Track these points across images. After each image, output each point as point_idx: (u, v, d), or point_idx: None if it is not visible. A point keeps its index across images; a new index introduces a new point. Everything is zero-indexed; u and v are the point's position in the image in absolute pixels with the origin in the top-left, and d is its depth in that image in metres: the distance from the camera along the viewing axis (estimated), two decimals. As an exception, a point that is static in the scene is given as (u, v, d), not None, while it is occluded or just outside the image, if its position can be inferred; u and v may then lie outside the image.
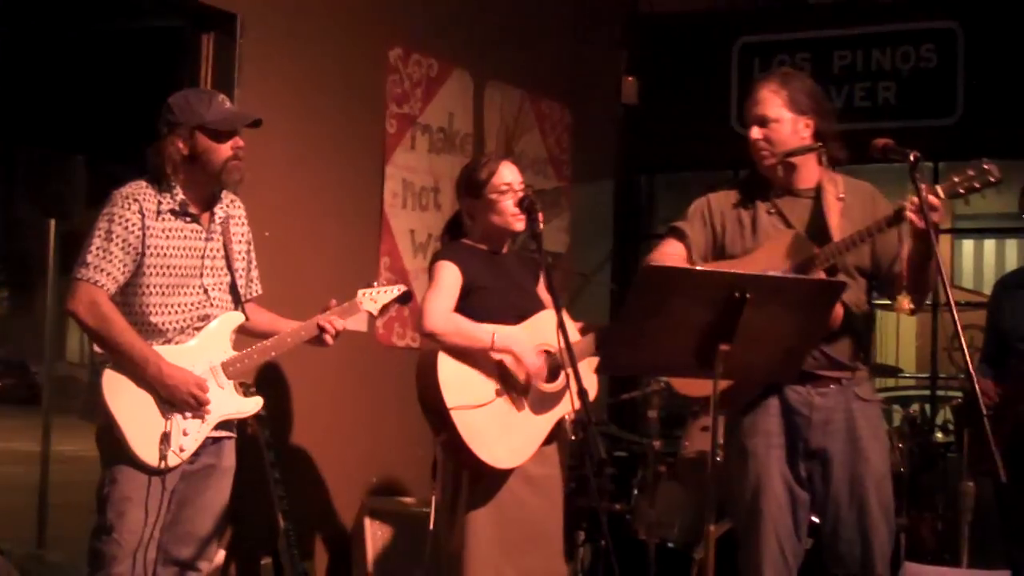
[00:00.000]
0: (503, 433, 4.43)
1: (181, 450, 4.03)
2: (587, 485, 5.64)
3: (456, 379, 4.41)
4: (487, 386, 4.46)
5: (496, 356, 4.44)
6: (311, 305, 4.37)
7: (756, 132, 4.20)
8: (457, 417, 4.36)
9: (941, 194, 3.81)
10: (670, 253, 4.26)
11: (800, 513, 4.14)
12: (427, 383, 4.44)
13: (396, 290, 4.49)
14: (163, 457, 3.95)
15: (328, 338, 4.28)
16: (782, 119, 4.15)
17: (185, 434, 4.04)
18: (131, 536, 3.97)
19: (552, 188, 7.76)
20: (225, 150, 4.10)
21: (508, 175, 4.58)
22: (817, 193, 4.14)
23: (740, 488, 4.17)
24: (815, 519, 4.30)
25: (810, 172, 4.17)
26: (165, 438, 3.96)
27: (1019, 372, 5.28)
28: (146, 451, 3.95)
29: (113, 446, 3.98)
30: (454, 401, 4.38)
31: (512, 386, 4.47)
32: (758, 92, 4.22)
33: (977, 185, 3.83)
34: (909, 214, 3.78)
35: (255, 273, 4.40)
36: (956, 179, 3.85)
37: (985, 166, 3.82)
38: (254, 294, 4.39)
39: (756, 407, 4.14)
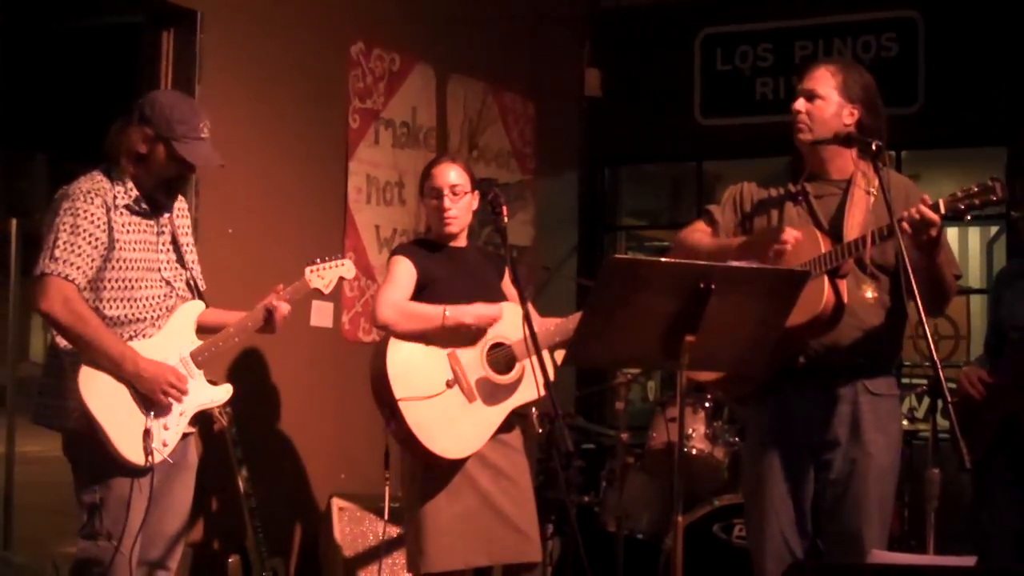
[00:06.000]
0: (452, 424, 4.49)
1: (164, 445, 4.01)
2: (555, 478, 5.65)
3: (405, 370, 4.48)
4: (438, 377, 4.52)
5: (451, 323, 4.48)
6: (276, 302, 4.34)
7: (800, 104, 4.17)
8: (405, 408, 4.43)
9: (943, 209, 3.77)
10: (699, 231, 4.34)
11: (806, 504, 4.20)
12: (376, 374, 4.51)
13: (342, 263, 4.50)
14: (148, 453, 3.92)
15: (278, 318, 4.26)
16: (829, 99, 4.13)
17: (166, 428, 4.02)
18: (128, 541, 3.95)
19: (516, 181, 7.75)
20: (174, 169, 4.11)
21: (439, 179, 4.68)
22: (848, 186, 4.14)
23: (747, 480, 4.34)
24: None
25: (844, 163, 4.17)
26: (147, 434, 3.93)
27: (1013, 361, 5.29)
28: (130, 450, 3.92)
29: (98, 448, 3.93)
30: (402, 392, 4.45)
31: (459, 380, 4.53)
32: (815, 69, 4.21)
33: (978, 202, 3.78)
34: (904, 226, 3.77)
35: (198, 268, 4.35)
36: (959, 194, 3.80)
37: (990, 183, 3.77)
38: (199, 288, 4.36)
39: (765, 402, 4.21)
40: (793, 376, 4.10)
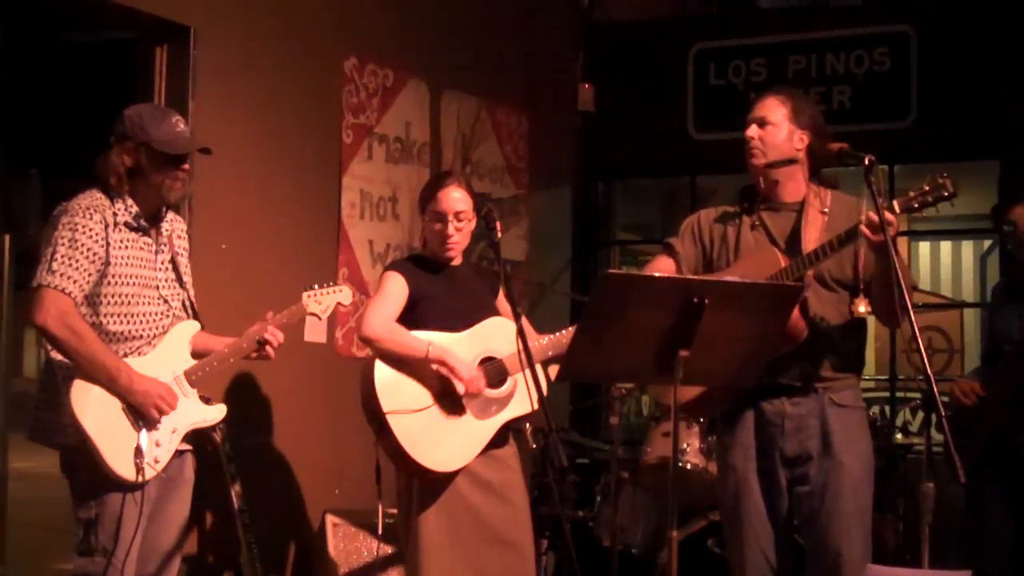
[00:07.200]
0: (442, 437, 4.47)
1: (156, 462, 3.99)
2: (550, 493, 5.64)
3: (393, 384, 4.47)
4: (425, 391, 4.50)
5: (432, 367, 4.47)
6: (269, 317, 4.34)
7: (752, 131, 4.28)
8: (393, 421, 4.42)
9: (897, 209, 3.85)
10: (661, 267, 4.41)
11: (783, 518, 4.21)
12: (365, 388, 4.50)
13: (340, 290, 4.50)
14: (139, 470, 3.91)
15: (269, 350, 4.25)
16: (780, 125, 4.24)
17: (158, 445, 4.00)
18: (122, 556, 3.94)
19: (510, 196, 7.76)
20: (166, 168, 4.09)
21: (444, 203, 4.62)
22: (801, 207, 4.22)
23: (723, 498, 4.32)
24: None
25: (796, 186, 4.26)
26: (138, 451, 3.92)
27: (1006, 374, 5.32)
28: (121, 465, 3.91)
29: (92, 464, 3.92)
30: (390, 405, 4.43)
31: (450, 394, 4.50)
32: (765, 97, 4.33)
33: (931, 199, 3.88)
34: (863, 228, 3.83)
35: (193, 292, 4.35)
36: (912, 193, 3.90)
37: (940, 180, 3.87)
38: (195, 310, 4.35)
39: (735, 420, 4.24)
40: (759, 392, 4.13)
